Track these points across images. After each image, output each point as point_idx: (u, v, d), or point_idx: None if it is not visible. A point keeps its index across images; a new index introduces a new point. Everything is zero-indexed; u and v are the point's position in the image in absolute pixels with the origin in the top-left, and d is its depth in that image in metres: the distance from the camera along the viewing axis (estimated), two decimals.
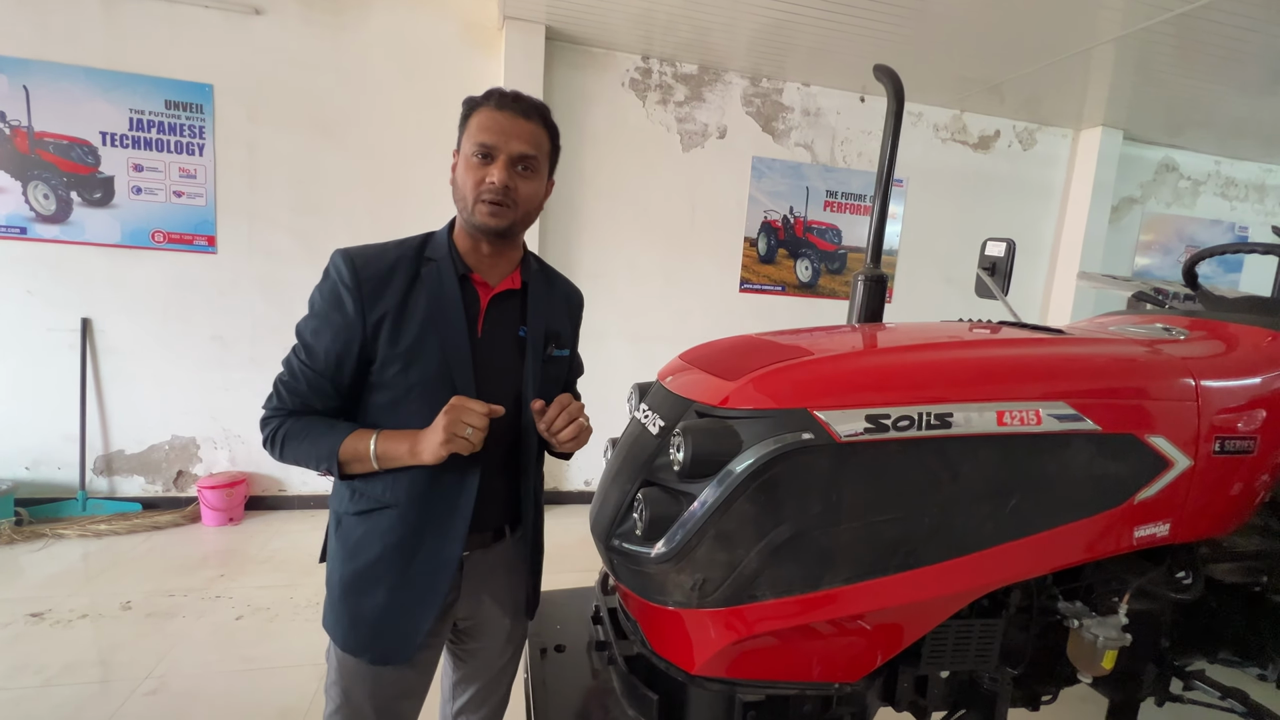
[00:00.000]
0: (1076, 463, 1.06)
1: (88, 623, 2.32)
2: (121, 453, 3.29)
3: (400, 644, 1.06)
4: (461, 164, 1.04)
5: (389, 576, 1.04)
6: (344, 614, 1.06)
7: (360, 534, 1.05)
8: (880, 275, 1.69)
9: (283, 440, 1.03)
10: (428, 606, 1.05)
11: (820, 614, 0.99)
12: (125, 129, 3.07)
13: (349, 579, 1.05)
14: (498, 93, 1.04)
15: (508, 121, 1.00)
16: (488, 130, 1.00)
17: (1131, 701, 1.40)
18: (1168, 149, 4.68)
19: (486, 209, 1.01)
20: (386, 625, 1.05)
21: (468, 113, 1.04)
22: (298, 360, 1.05)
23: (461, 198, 1.04)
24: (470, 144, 1.02)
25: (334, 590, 1.08)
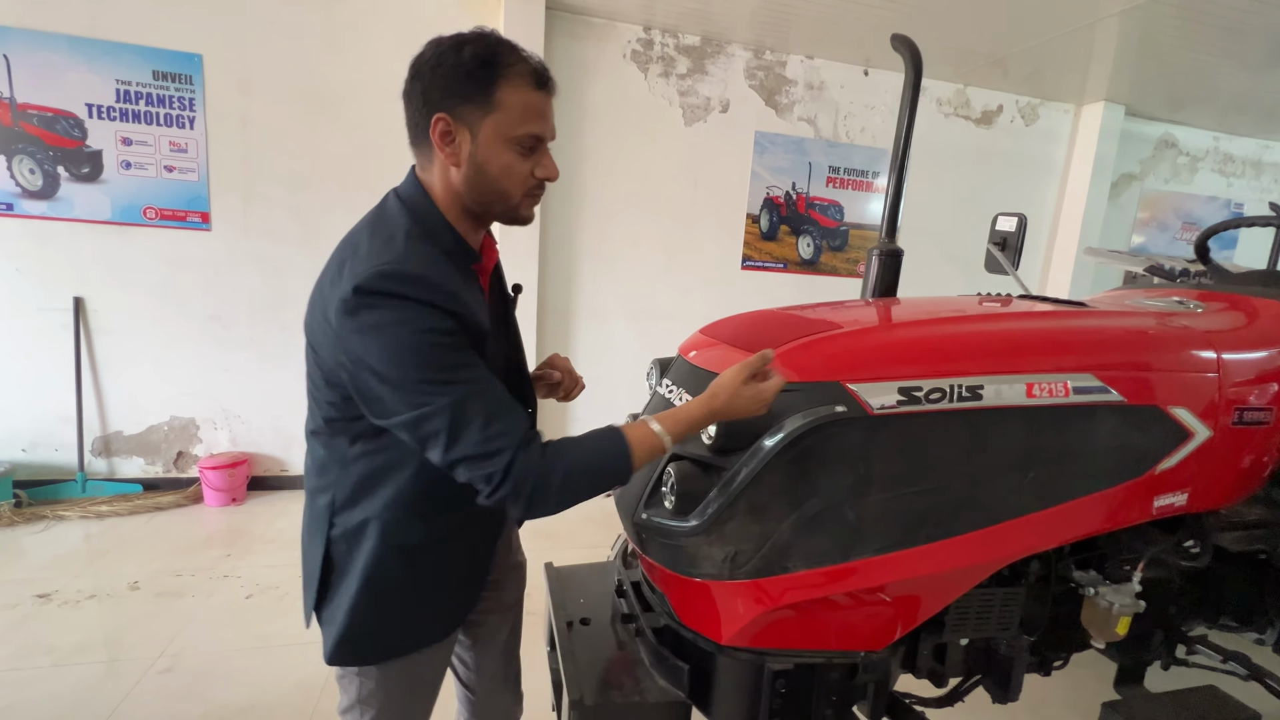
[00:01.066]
0: (1101, 434, 1.08)
1: (96, 603, 2.31)
2: (120, 434, 3.25)
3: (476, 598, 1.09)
4: (500, 149, 0.86)
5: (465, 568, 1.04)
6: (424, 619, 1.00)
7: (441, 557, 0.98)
8: (896, 250, 1.68)
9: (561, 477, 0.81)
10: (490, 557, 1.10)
11: (850, 584, 1.01)
12: (112, 100, 2.96)
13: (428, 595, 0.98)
14: (530, 66, 0.86)
15: (548, 104, 0.89)
16: (539, 117, 0.87)
17: (1139, 666, 1.44)
18: (1168, 125, 4.67)
19: (533, 202, 0.92)
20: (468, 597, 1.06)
21: (493, 76, 0.83)
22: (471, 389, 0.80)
23: (500, 191, 0.88)
24: (517, 131, 0.85)
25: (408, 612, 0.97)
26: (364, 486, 0.92)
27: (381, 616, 0.95)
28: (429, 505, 0.93)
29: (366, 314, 0.78)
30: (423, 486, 0.91)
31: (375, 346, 0.78)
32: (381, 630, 0.96)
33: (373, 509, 0.91)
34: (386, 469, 0.91)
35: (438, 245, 0.87)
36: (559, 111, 0.99)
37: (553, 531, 2.88)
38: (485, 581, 1.10)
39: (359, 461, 0.91)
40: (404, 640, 1.00)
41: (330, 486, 0.94)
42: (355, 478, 0.92)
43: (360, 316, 0.78)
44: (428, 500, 0.93)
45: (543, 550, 2.81)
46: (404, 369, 0.78)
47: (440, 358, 0.79)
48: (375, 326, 0.78)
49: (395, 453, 0.90)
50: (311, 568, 0.97)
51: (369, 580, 0.93)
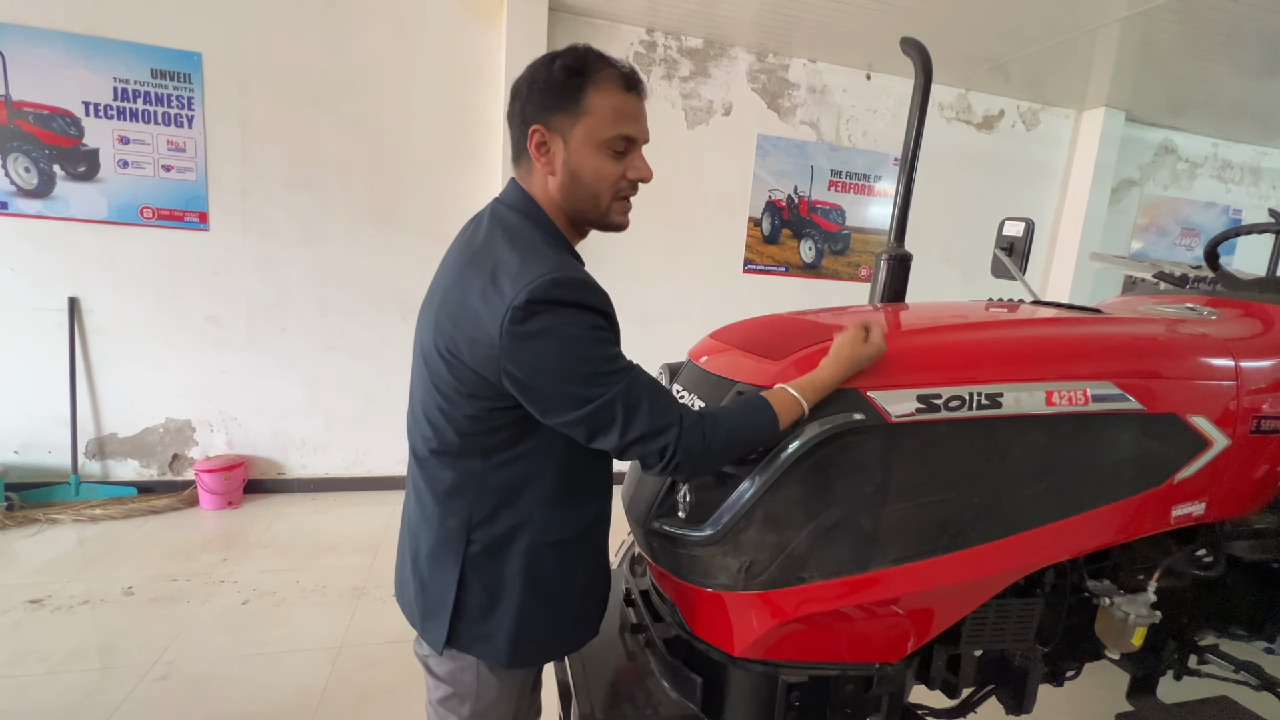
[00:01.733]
0: (1120, 442, 1.06)
1: (89, 609, 2.27)
2: (114, 436, 3.21)
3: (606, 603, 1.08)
4: (591, 153, 0.88)
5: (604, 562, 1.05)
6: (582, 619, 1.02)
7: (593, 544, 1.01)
8: (904, 255, 1.67)
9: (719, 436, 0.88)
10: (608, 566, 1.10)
11: (867, 595, 0.99)
12: (109, 99, 2.93)
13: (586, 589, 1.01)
14: (618, 71, 0.88)
15: (638, 106, 0.90)
16: (629, 119, 0.88)
17: (1152, 676, 1.42)
18: (1168, 130, 4.69)
19: (625, 207, 0.93)
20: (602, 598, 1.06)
21: (580, 85, 0.86)
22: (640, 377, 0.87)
23: (591, 195, 0.90)
24: (608, 134, 0.87)
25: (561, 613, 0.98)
26: (506, 496, 0.92)
27: (548, 615, 0.97)
28: (573, 498, 0.96)
29: (539, 319, 0.81)
30: (565, 483, 0.94)
31: (552, 349, 0.82)
32: (551, 628, 0.98)
33: (520, 514, 0.93)
34: (528, 474, 0.92)
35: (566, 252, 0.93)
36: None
37: None
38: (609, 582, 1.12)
39: (499, 472, 0.92)
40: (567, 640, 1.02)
41: (465, 506, 0.93)
42: (496, 488, 0.92)
43: (533, 322, 0.81)
44: (571, 494, 0.96)
45: None
46: (579, 366, 0.83)
47: (605, 353, 0.85)
48: (549, 330, 0.81)
49: (535, 458, 0.92)
50: (441, 590, 0.95)
51: (530, 581, 0.94)
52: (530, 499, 0.92)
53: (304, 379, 3.37)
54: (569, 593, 0.98)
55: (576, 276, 0.84)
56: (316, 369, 3.37)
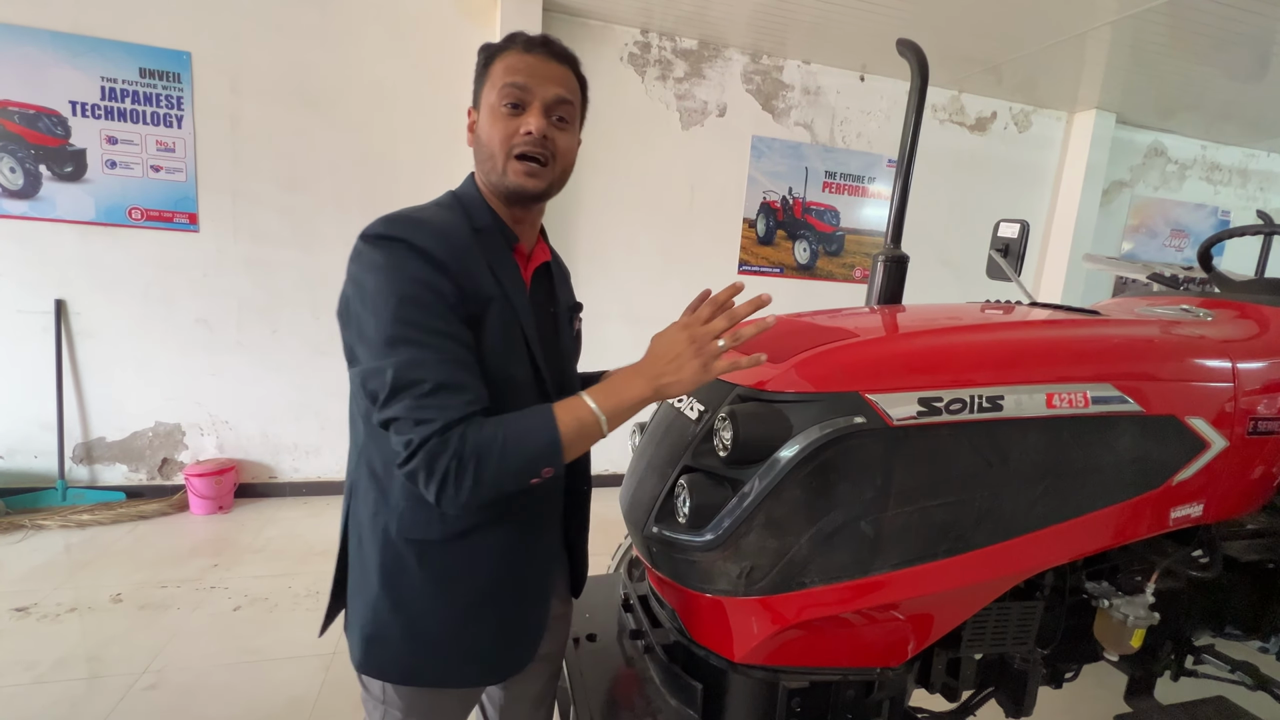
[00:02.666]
0: (1120, 445, 1.06)
1: (77, 616, 2.23)
2: (102, 440, 3.16)
3: (526, 648, 0.95)
4: (486, 117, 0.87)
5: (507, 588, 0.91)
6: (454, 651, 0.89)
7: (467, 555, 0.87)
8: (901, 256, 1.67)
9: (476, 461, 0.73)
10: (544, 599, 0.97)
11: (869, 600, 0.98)
12: (97, 98, 2.89)
13: (459, 615, 0.88)
14: (524, 35, 0.88)
15: (539, 63, 0.86)
16: (519, 72, 0.85)
17: (1149, 676, 1.42)
18: (1158, 133, 4.73)
19: (522, 168, 0.85)
20: (510, 638, 0.93)
21: (488, 59, 0.88)
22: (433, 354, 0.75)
23: (489, 156, 0.87)
24: (496, 92, 0.85)
25: (430, 632, 0.88)
26: (379, 472, 0.87)
27: (404, 626, 0.87)
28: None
29: (365, 255, 0.79)
30: None
31: (366, 287, 0.78)
32: (408, 644, 0.88)
33: (387, 496, 0.86)
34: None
35: (471, 221, 0.88)
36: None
37: None
38: (542, 623, 0.97)
39: (374, 444, 0.86)
40: (436, 671, 0.90)
41: (353, 473, 0.91)
42: (372, 460, 0.87)
43: (359, 260, 0.80)
44: None
45: None
46: (381, 315, 0.76)
47: (415, 312, 0.76)
48: (370, 266, 0.78)
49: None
50: (339, 564, 0.96)
51: (385, 576, 0.87)
52: (399, 484, 0.84)
53: (295, 382, 3.34)
54: (435, 611, 0.87)
55: (413, 216, 0.82)
56: (308, 372, 3.34)
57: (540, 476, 0.78)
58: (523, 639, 0.95)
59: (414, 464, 0.74)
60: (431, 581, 0.87)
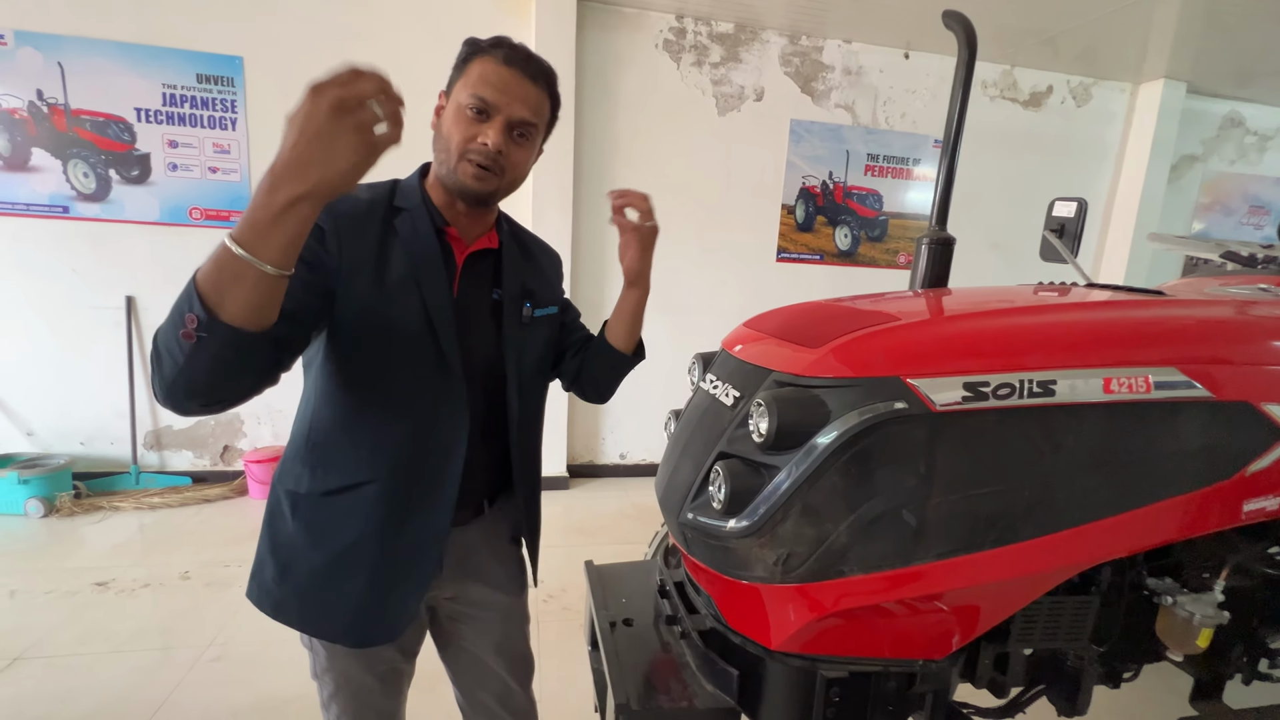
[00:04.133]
0: (1186, 433, 0.99)
1: (150, 592, 2.39)
2: (169, 428, 3.36)
3: (386, 627, 0.99)
4: (451, 112, 0.93)
5: (370, 559, 0.95)
6: (315, 603, 0.96)
7: (330, 516, 0.94)
8: (947, 238, 1.61)
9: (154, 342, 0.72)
10: (415, 584, 1.00)
11: (910, 590, 0.95)
12: (159, 104, 3.05)
13: (320, 567, 0.94)
14: (507, 45, 0.93)
15: (513, 80, 0.91)
16: (489, 85, 0.90)
17: (1218, 679, 1.34)
18: (1234, 102, 4.39)
19: (472, 170, 0.92)
20: (369, 609, 0.96)
21: (469, 55, 0.93)
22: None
23: (444, 149, 0.94)
24: (466, 94, 0.91)
25: (297, 579, 0.95)
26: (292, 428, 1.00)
27: (278, 566, 0.96)
28: (317, 456, 0.94)
29: None
30: (313, 435, 0.95)
31: None
32: (280, 582, 0.96)
33: (287, 447, 0.99)
34: (296, 413, 0.99)
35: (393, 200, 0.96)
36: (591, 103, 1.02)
37: (587, 527, 2.87)
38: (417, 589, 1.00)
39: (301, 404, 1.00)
40: (302, 614, 0.97)
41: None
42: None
43: None
44: (316, 450, 0.94)
45: (577, 545, 2.82)
46: None
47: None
48: None
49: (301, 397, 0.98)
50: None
51: (268, 518, 0.99)
52: (293, 437, 0.98)
53: None
54: (302, 556, 0.94)
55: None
56: None
57: (185, 326, 0.65)
58: (384, 611, 0.98)
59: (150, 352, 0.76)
60: (300, 531, 0.95)
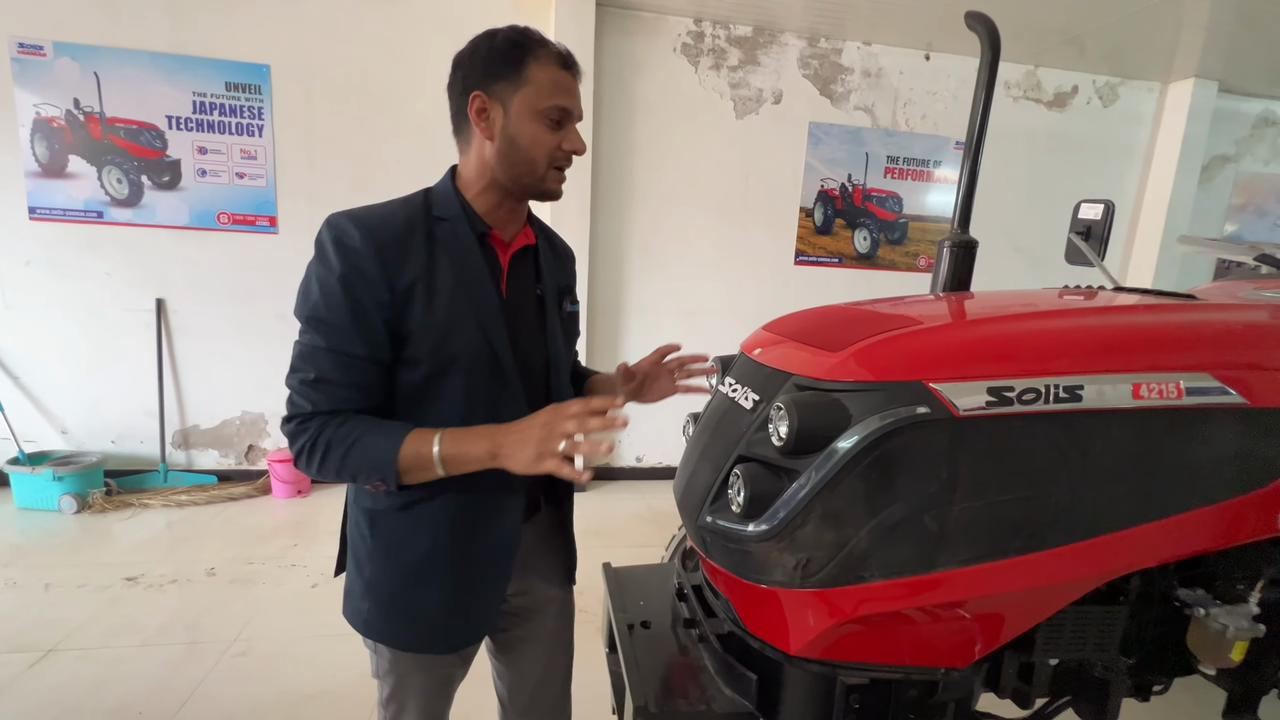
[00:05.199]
0: (1219, 440, 0.97)
1: (177, 587, 2.45)
2: (197, 427, 3.44)
3: (472, 629, 1.03)
4: (529, 122, 0.92)
5: (447, 566, 0.98)
6: (399, 616, 0.99)
7: (406, 530, 0.96)
8: (969, 241, 1.59)
9: (324, 450, 0.86)
10: (494, 584, 1.03)
11: (932, 597, 0.94)
12: (189, 112, 3.14)
13: (401, 580, 0.97)
14: (556, 49, 0.95)
15: (573, 84, 0.95)
16: (566, 92, 0.93)
17: (1252, 694, 1.30)
18: (1268, 101, 4.28)
19: (560, 177, 0.98)
20: (454, 615, 1.00)
21: (524, 59, 0.91)
22: (326, 349, 0.88)
23: (528, 160, 0.94)
24: (545, 103, 0.92)
25: (379, 594, 0.98)
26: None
27: (363, 583, 0.99)
28: None
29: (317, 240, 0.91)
30: None
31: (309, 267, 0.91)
32: (366, 599, 0.99)
33: None
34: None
35: (432, 211, 0.96)
36: (609, 107, 1.04)
37: (604, 529, 2.88)
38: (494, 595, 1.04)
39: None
40: (387, 628, 1.00)
41: None
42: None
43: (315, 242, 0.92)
44: None
45: (593, 548, 2.82)
46: (306, 298, 0.90)
47: (326, 308, 0.88)
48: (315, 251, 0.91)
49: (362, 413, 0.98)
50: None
51: (351, 538, 1.02)
52: None
53: None
54: (384, 574, 0.97)
55: (343, 214, 0.90)
56: None
57: (373, 486, 0.90)
58: (469, 614, 1.02)
59: (284, 430, 0.90)
60: (380, 547, 0.97)
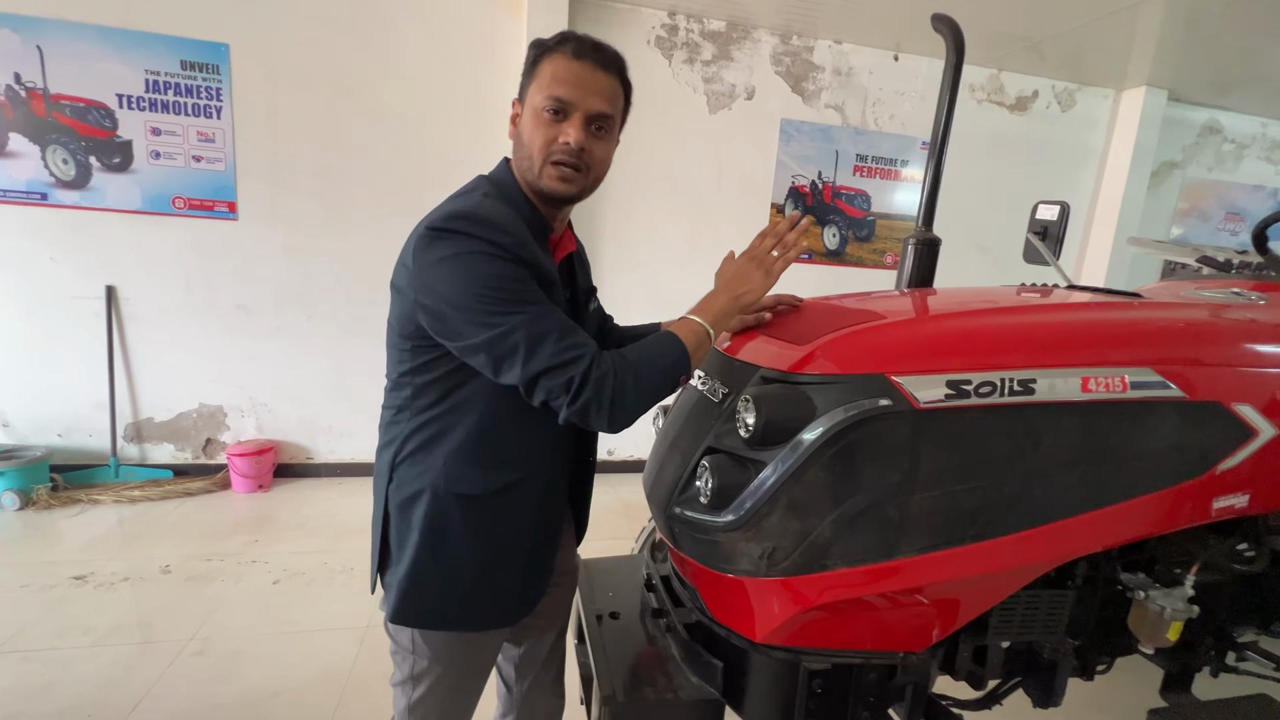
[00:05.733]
0: (1160, 431, 1.02)
1: (129, 585, 2.36)
2: (151, 420, 3.31)
3: (530, 602, 1.06)
4: (529, 118, 0.93)
5: (527, 546, 1.02)
6: (485, 594, 0.99)
7: (496, 513, 0.97)
8: (933, 239, 1.63)
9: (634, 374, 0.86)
10: (549, 559, 1.08)
11: (892, 584, 0.97)
12: (141, 90, 3.00)
13: (491, 561, 0.97)
14: (575, 38, 0.92)
15: (586, 74, 0.90)
16: (564, 83, 0.89)
17: (1187, 672, 1.38)
18: (1213, 110, 4.48)
19: (556, 173, 0.92)
20: (523, 591, 1.04)
21: (537, 57, 0.92)
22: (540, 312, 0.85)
23: (527, 157, 0.93)
24: (541, 96, 0.90)
25: (468, 578, 0.97)
26: (428, 437, 0.95)
27: (444, 573, 0.96)
28: (488, 456, 0.95)
29: (440, 246, 0.85)
30: (484, 438, 0.94)
31: (448, 272, 0.84)
32: (444, 590, 0.97)
33: (435, 457, 0.94)
34: (450, 417, 0.94)
35: (515, 210, 0.94)
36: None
37: None
38: (551, 566, 1.09)
39: (425, 412, 0.94)
40: (466, 612, 0.99)
41: (395, 440, 0.97)
42: (419, 427, 0.95)
43: (433, 249, 0.85)
44: (489, 451, 0.95)
45: None
46: (477, 290, 0.83)
47: (508, 286, 0.84)
48: (449, 256, 0.84)
49: (460, 409, 0.93)
50: (375, 529, 1.01)
51: (430, 529, 0.95)
52: (449, 444, 0.94)
53: (330, 366, 3.44)
54: (473, 558, 0.96)
55: (480, 214, 0.86)
56: (341, 356, 3.43)
57: (680, 384, 0.93)
58: (537, 580, 1.06)
59: (586, 394, 0.83)
60: (470, 531, 0.96)
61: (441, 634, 1.00)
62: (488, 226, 0.85)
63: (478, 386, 0.92)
